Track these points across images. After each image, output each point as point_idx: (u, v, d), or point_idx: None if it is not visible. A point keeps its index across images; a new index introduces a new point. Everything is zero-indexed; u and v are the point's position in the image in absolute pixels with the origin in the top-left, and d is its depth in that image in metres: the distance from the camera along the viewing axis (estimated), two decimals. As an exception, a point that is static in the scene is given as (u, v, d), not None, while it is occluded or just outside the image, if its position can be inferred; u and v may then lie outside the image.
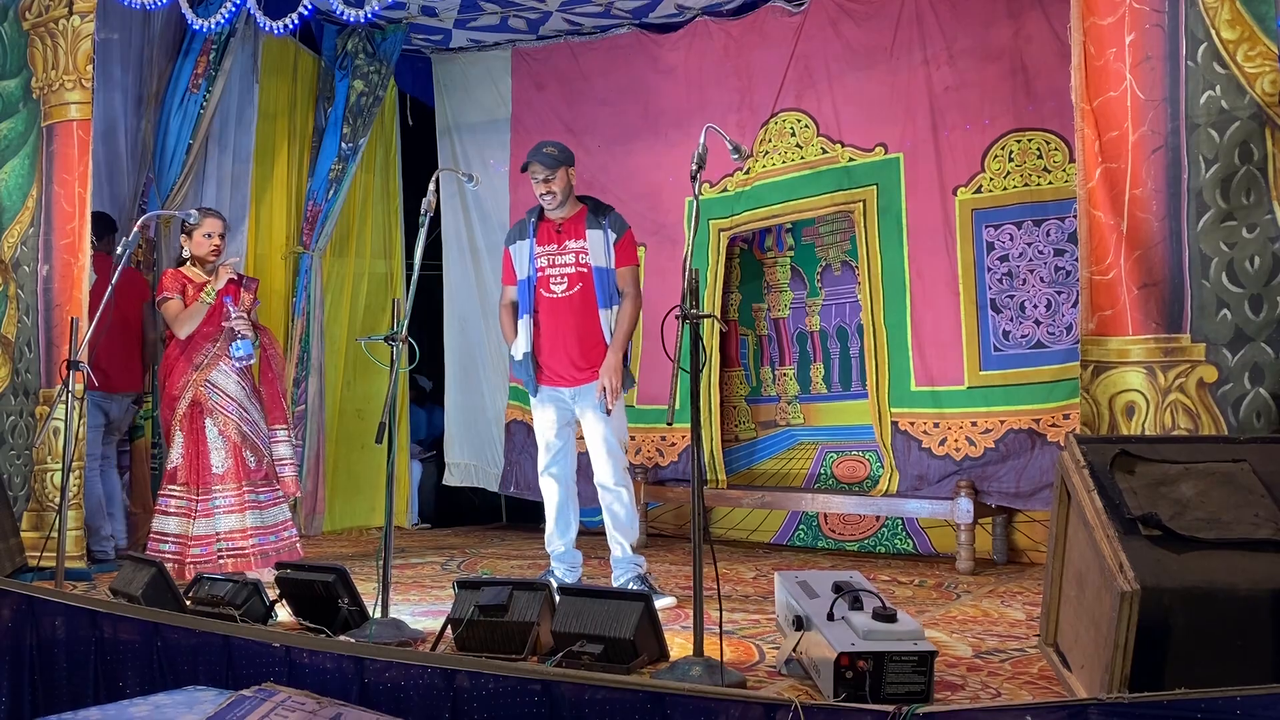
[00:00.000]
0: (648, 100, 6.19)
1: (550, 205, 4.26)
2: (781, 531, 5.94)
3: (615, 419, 4.21)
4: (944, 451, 5.27)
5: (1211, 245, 3.20)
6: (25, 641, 3.29)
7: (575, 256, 4.26)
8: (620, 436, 4.24)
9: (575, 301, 4.25)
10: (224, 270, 4.57)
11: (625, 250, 4.27)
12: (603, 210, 4.32)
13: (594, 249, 4.23)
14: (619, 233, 4.26)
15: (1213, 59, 3.20)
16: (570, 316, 4.25)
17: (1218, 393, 3.17)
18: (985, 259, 5.28)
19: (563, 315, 4.26)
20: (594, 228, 4.25)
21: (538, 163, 4.21)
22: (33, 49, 5.09)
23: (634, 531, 4.27)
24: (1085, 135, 3.48)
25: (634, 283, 4.28)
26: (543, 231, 4.32)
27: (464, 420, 6.74)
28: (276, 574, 3.76)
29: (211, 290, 4.51)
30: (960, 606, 4.10)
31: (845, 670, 2.54)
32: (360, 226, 6.80)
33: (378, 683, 2.64)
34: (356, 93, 6.26)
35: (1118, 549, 2.36)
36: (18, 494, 4.83)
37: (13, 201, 5.09)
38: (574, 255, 4.26)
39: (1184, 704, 1.92)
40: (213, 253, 4.63)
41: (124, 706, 2.63)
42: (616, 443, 4.21)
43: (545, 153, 4.23)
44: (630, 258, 4.30)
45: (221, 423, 4.46)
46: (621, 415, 4.26)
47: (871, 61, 5.55)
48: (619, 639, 3.01)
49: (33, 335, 4.95)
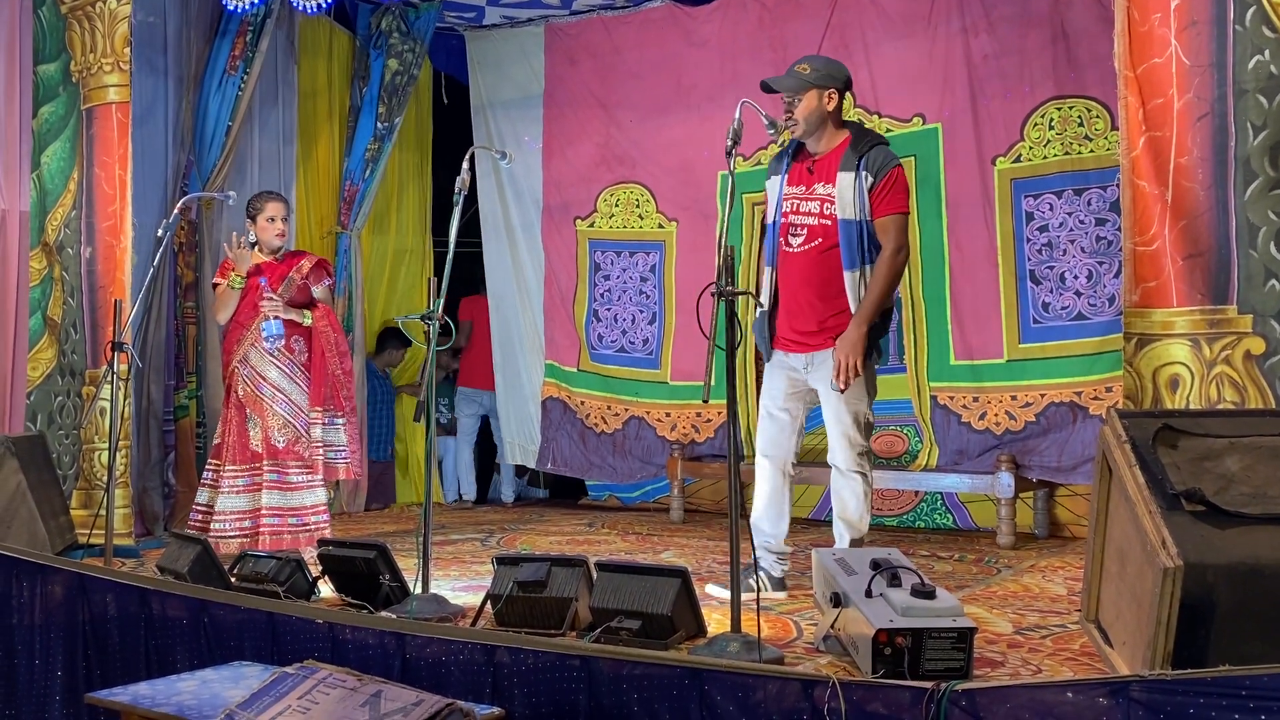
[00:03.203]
0: (681, 74, 6.15)
1: (795, 134, 3.62)
2: (819, 507, 5.92)
3: (854, 396, 3.58)
4: (984, 425, 5.22)
5: (1259, 214, 3.13)
6: (78, 618, 3.37)
7: (820, 205, 3.57)
8: (858, 417, 3.61)
9: (812, 258, 3.57)
10: (242, 252, 4.53)
11: (886, 196, 3.50)
12: (864, 144, 3.55)
13: (841, 197, 3.52)
14: (877, 175, 3.49)
15: (1262, 22, 3.12)
16: (807, 277, 3.59)
17: (1265, 365, 3.11)
18: (1024, 230, 5.20)
19: (798, 274, 3.61)
20: (847, 169, 3.52)
21: (776, 85, 3.61)
22: (71, 33, 5.14)
23: (861, 526, 3.68)
24: (1129, 103, 3.41)
25: (896, 235, 3.50)
26: (795, 169, 3.65)
27: (503, 398, 6.77)
28: (318, 551, 3.81)
29: (237, 277, 4.53)
30: (1000, 582, 4.07)
31: (884, 647, 2.53)
32: (398, 205, 6.85)
33: (419, 658, 2.68)
34: (391, 71, 6.27)
35: (1160, 525, 2.33)
36: (66, 473, 4.94)
37: (55, 185, 5.16)
38: (819, 203, 3.57)
39: (1228, 681, 1.89)
40: (278, 236, 4.63)
41: (172, 681, 2.70)
42: (852, 423, 3.60)
43: (793, 70, 3.61)
44: (894, 203, 3.51)
45: (254, 403, 4.50)
46: (862, 392, 3.60)
47: (909, 30, 5.47)
48: (657, 614, 3.02)
49: (78, 317, 5.03)
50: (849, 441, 3.63)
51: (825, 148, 3.62)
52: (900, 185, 3.53)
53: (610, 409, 6.34)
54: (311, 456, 4.54)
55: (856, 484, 3.64)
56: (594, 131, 6.42)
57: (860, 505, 3.66)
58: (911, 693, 2.12)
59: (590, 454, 6.33)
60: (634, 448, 6.21)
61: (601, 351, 6.43)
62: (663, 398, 6.17)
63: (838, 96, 3.60)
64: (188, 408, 5.57)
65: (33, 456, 4.55)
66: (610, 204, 6.41)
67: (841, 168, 3.54)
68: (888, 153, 3.55)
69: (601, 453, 6.30)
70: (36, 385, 5.10)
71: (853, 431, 3.62)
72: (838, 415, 3.63)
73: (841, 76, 3.63)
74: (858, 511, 3.67)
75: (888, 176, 3.50)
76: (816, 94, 3.57)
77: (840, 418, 3.62)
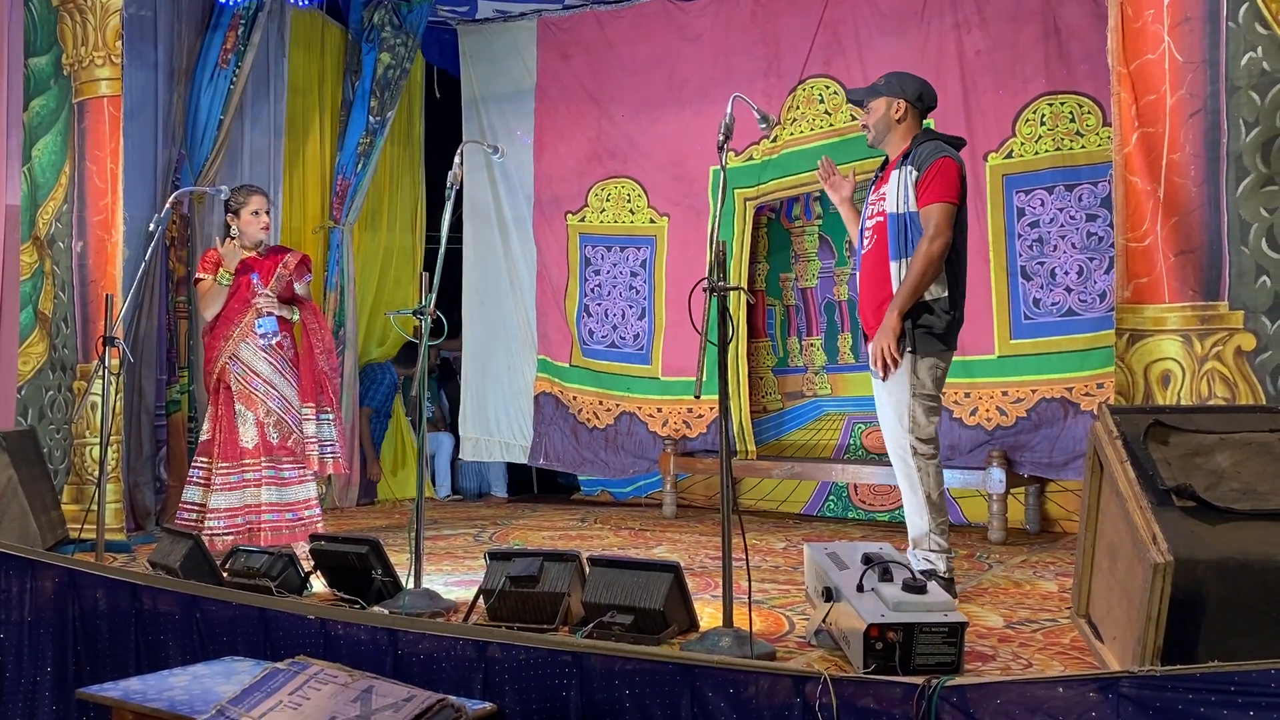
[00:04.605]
0: (673, 69, 6.14)
1: (869, 141, 3.73)
2: (811, 502, 5.93)
3: (896, 386, 3.49)
4: (975, 421, 5.23)
5: (1251, 211, 3.14)
6: (68, 613, 3.36)
7: (877, 206, 3.64)
8: (902, 409, 3.49)
9: (872, 258, 3.63)
10: (232, 247, 4.52)
11: (930, 184, 3.46)
12: (921, 144, 3.56)
13: (891, 193, 3.55)
14: (921, 167, 3.48)
15: (1254, 19, 3.12)
16: (868, 274, 3.65)
17: (1256, 361, 3.12)
18: (1016, 225, 5.21)
19: (865, 273, 3.68)
20: (901, 165, 3.56)
21: (851, 95, 3.75)
22: (62, 25, 5.11)
23: (920, 522, 3.51)
24: (1122, 99, 3.42)
25: (936, 221, 3.42)
26: (879, 179, 3.72)
27: (480, 395, 6.75)
28: (311, 546, 3.80)
29: (226, 274, 4.51)
30: (992, 577, 4.09)
31: (875, 641, 2.54)
32: (390, 199, 6.83)
33: (411, 653, 2.68)
34: (384, 65, 6.25)
35: (1151, 520, 2.34)
36: (58, 467, 4.92)
37: (46, 178, 5.13)
38: (877, 205, 3.64)
39: (1217, 677, 1.90)
40: (263, 230, 4.61)
41: (164, 676, 2.69)
42: (894, 416, 3.51)
43: (873, 83, 3.73)
44: (938, 192, 3.44)
45: (246, 399, 4.47)
46: (904, 383, 3.48)
47: (902, 26, 5.47)
48: (649, 610, 3.03)
49: (69, 311, 5.01)
50: (890, 433, 3.57)
51: (893, 155, 3.66)
52: (944, 175, 3.46)
53: (602, 404, 6.34)
54: (304, 451, 4.53)
55: (910, 475, 3.51)
56: (586, 126, 6.41)
57: (915, 501, 3.51)
58: (903, 688, 2.12)
59: (583, 449, 6.33)
60: (626, 443, 6.21)
61: (593, 347, 6.42)
62: (654, 393, 6.17)
63: (904, 106, 3.63)
64: (179, 402, 5.55)
65: (24, 451, 4.53)
66: (601, 198, 6.40)
67: (897, 167, 3.59)
68: (936, 146, 3.53)
69: (594, 448, 6.30)
70: (27, 380, 5.07)
71: (894, 424, 3.52)
72: (881, 406, 3.60)
73: (912, 89, 3.64)
74: (914, 507, 3.53)
75: (931, 167, 3.47)
76: (885, 103, 3.64)
77: (883, 409, 3.59)
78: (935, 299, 3.48)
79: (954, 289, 3.52)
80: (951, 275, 3.51)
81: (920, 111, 3.68)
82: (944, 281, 3.49)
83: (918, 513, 3.52)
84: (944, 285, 3.49)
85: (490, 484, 6.99)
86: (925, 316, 3.47)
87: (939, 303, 3.49)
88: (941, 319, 3.49)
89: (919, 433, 3.50)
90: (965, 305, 3.59)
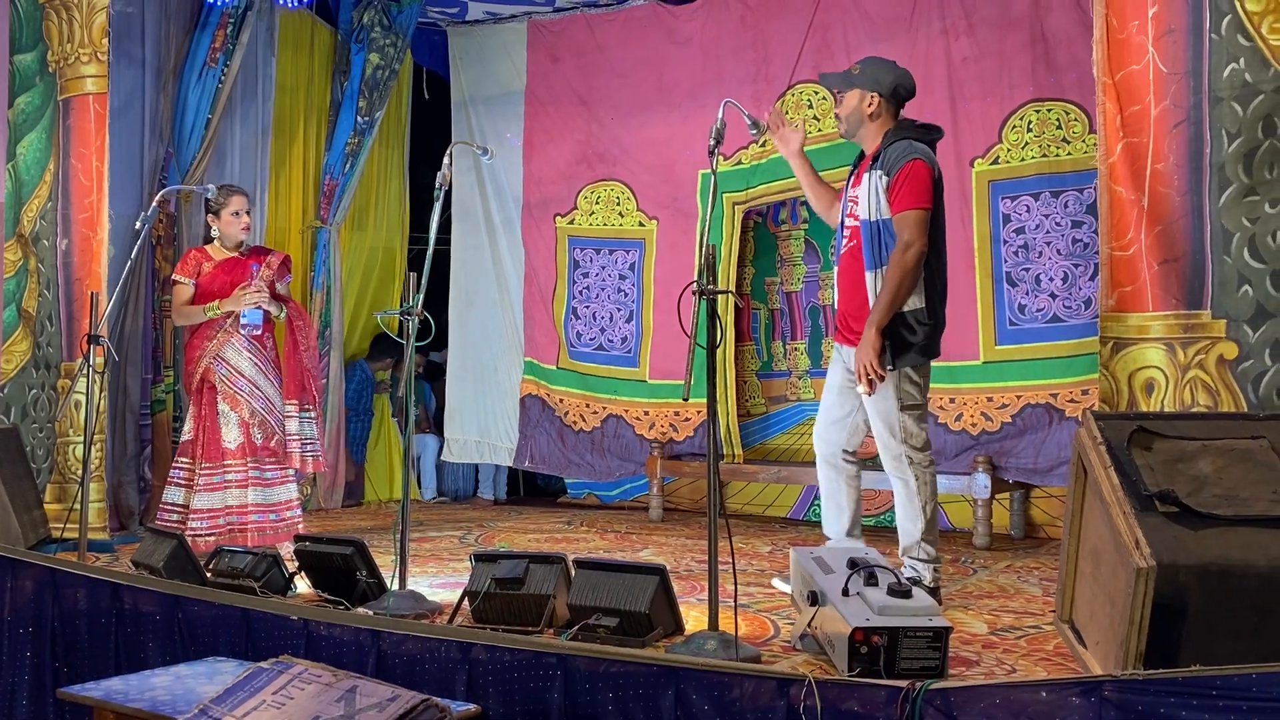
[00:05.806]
0: (663, 72, 6.15)
1: (840, 132, 3.66)
2: (797, 507, 5.95)
3: (881, 399, 3.46)
4: (960, 427, 5.25)
5: (1233, 220, 3.17)
6: (47, 613, 3.33)
7: (851, 207, 3.57)
8: (890, 421, 3.46)
9: (846, 261, 3.60)
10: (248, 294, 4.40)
11: (901, 190, 3.37)
12: (892, 143, 3.45)
13: (863, 197, 3.48)
14: (890, 171, 3.39)
15: (1237, 31, 3.16)
16: (845, 275, 3.61)
17: (1238, 369, 3.15)
18: (1001, 231, 5.24)
19: (842, 273, 3.64)
20: (870, 169, 3.48)
21: (825, 80, 3.64)
22: (48, 22, 5.09)
23: (913, 530, 3.49)
24: (1107, 109, 3.45)
25: (910, 229, 3.35)
26: (856, 173, 3.61)
27: (465, 397, 6.74)
28: (295, 547, 3.79)
29: (216, 307, 4.40)
30: (976, 582, 4.10)
31: (860, 645, 2.55)
32: (378, 200, 6.82)
33: (394, 655, 2.67)
34: (372, 66, 6.24)
35: (1134, 525, 2.35)
36: (41, 466, 4.89)
37: (31, 176, 5.11)
38: (852, 205, 3.57)
39: (1198, 681, 1.91)
40: (243, 230, 4.56)
41: (146, 676, 2.67)
42: (884, 428, 3.49)
43: (849, 68, 3.60)
44: (909, 198, 3.36)
45: (231, 399, 4.45)
46: (890, 395, 3.45)
47: (890, 32, 5.50)
48: (634, 612, 3.03)
49: (53, 309, 4.98)
50: (883, 444, 3.53)
51: (869, 150, 3.56)
52: (914, 180, 3.37)
53: (589, 407, 6.34)
54: (287, 450, 4.51)
55: (903, 485, 3.50)
56: (575, 129, 6.41)
57: (907, 509, 3.50)
58: (887, 691, 2.13)
59: (569, 452, 6.33)
60: (612, 446, 6.21)
61: (580, 349, 6.42)
62: (641, 396, 6.18)
63: (878, 100, 3.52)
64: (164, 402, 5.52)
65: (6, 450, 4.50)
66: (590, 201, 6.41)
67: (870, 168, 3.49)
68: (904, 147, 3.41)
69: (580, 451, 6.30)
70: (11, 378, 5.04)
71: (885, 436, 3.50)
72: (870, 419, 3.56)
73: (887, 82, 3.51)
74: (907, 515, 3.51)
75: (900, 172, 3.38)
76: (858, 95, 3.53)
77: (873, 421, 3.55)
78: (912, 310, 3.42)
79: (931, 296, 3.46)
80: (929, 281, 3.45)
81: (896, 105, 3.56)
82: (920, 291, 3.43)
83: (911, 519, 3.51)
84: (921, 295, 3.43)
85: (477, 486, 6.98)
86: (903, 331, 3.42)
87: (916, 314, 3.43)
88: (920, 330, 3.43)
89: (913, 441, 3.48)
90: (948, 310, 3.56)
